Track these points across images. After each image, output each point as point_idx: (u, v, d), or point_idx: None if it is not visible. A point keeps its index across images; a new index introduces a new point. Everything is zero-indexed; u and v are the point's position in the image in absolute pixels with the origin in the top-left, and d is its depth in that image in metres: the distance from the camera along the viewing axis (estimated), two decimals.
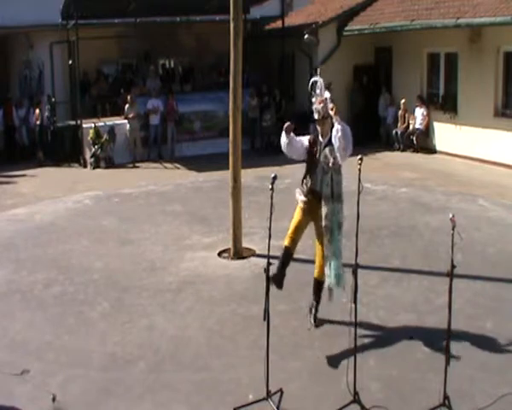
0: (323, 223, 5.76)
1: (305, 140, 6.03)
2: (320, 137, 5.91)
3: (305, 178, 6.00)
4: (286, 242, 6.00)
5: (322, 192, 5.78)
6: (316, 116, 5.83)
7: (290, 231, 6.01)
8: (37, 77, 19.86)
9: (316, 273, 6.03)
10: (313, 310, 6.12)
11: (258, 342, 5.46)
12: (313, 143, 5.95)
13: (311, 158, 5.91)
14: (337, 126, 5.61)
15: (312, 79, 5.92)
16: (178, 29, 18.92)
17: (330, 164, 5.72)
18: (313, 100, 5.84)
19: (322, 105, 5.76)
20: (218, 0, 15.67)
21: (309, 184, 5.93)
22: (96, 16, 16.99)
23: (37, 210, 11.36)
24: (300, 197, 5.96)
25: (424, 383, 5.00)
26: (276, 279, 5.83)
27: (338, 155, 5.69)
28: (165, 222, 10.18)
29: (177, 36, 18.84)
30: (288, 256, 6.00)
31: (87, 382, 5.30)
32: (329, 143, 5.77)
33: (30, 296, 7.29)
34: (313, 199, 5.88)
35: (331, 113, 5.70)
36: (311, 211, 5.91)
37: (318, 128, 5.91)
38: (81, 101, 16.60)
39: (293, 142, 5.97)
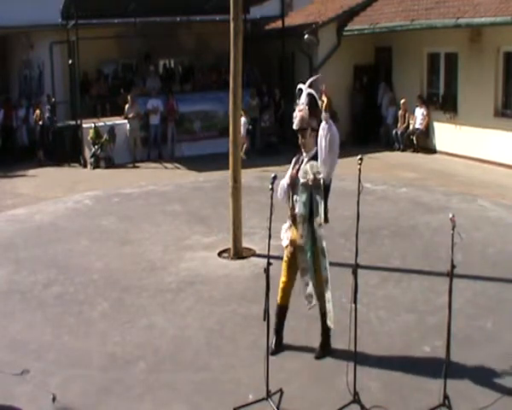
0: (297, 242, 5.30)
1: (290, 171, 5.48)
2: (303, 153, 5.38)
3: (289, 204, 5.44)
4: (279, 299, 5.53)
5: (299, 212, 5.25)
6: (294, 126, 5.32)
7: (282, 285, 5.52)
8: (37, 77, 19.87)
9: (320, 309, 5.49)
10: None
11: (258, 342, 5.46)
12: (296, 163, 5.43)
13: (293, 179, 5.35)
14: (323, 125, 5.08)
15: (299, 86, 5.44)
16: (178, 29, 18.92)
17: (310, 181, 5.17)
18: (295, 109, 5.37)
19: (300, 114, 5.27)
20: (218, 0, 15.68)
21: (290, 211, 5.37)
22: (95, 16, 17.01)
23: (37, 210, 11.36)
24: (284, 241, 5.41)
25: (424, 383, 5.00)
26: (277, 348, 5.57)
27: (321, 161, 5.13)
28: (165, 222, 10.19)
29: (177, 36, 18.84)
30: (284, 314, 5.64)
31: (87, 382, 5.30)
32: (313, 158, 5.25)
33: (30, 296, 7.29)
34: (297, 230, 5.35)
35: (322, 108, 5.20)
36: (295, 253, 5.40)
37: (300, 141, 5.36)
38: (81, 101, 16.61)
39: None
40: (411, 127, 15.64)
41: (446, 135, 14.87)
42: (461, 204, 10.41)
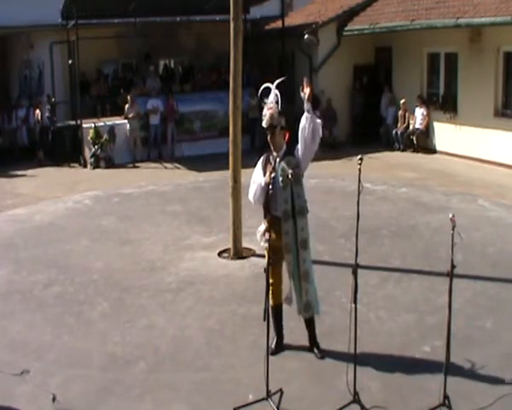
0: (283, 241, 5.29)
1: (260, 170, 5.46)
2: (273, 152, 5.39)
3: (265, 208, 5.43)
4: (271, 300, 5.42)
5: (282, 210, 5.25)
6: (263, 124, 5.33)
7: (272, 288, 5.40)
8: (37, 77, 19.87)
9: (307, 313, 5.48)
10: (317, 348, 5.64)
11: (258, 342, 5.46)
12: (266, 162, 5.41)
13: (268, 181, 5.31)
14: (306, 115, 5.13)
15: (264, 85, 5.52)
16: (178, 29, 18.93)
17: (290, 176, 5.12)
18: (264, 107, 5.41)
19: (270, 112, 5.30)
20: (218, 0, 15.68)
21: (270, 213, 5.35)
22: (95, 16, 17.01)
23: (37, 210, 11.36)
24: (262, 243, 5.30)
25: (424, 383, 5.00)
26: (278, 348, 5.60)
27: (301, 151, 5.22)
28: (165, 222, 10.19)
29: (177, 36, 18.85)
30: (280, 314, 5.64)
31: (87, 382, 5.30)
32: (285, 155, 5.31)
33: (30, 296, 7.30)
34: (277, 232, 5.31)
35: (304, 97, 5.15)
36: (278, 249, 5.32)
37: (269, 140, 5.38)
38: (81, 101, 16.61)
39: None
40: (411, 127, 15.64)
41: (446, 135, 14.87)
42: (461, 204, 10.41)
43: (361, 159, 4.78)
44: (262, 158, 5.53)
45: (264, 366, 4.77)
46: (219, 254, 8.51)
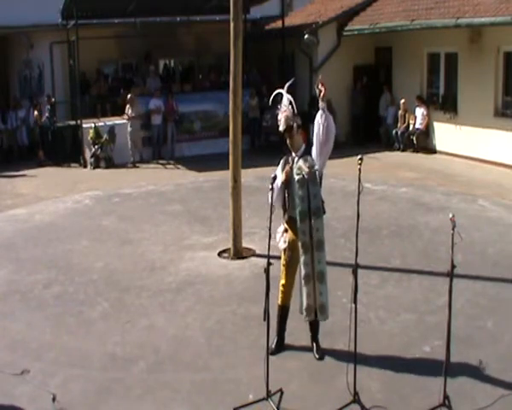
0: (300, 241, 5.25)
1: (279, 172, 5.47)
2: (292, 153, 5.41)
3: (284, 209, 5.45)
4: (280, 300, 5.57)
5: (299, 209, 5.22)
6: (280, 128, 5.35)
7: (282, 288, 5.53)
8: (37, 77, 19.87)
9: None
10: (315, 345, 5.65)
11: (258, 342, 5.47)
12: (285, 163, 5.44)
13: (288, 177, 5.32)
14: (320, 112, 5.19)
15: (277, 91, 5.57)
16: (178, 29, 18.94)
17: (306, 175, 5.16)
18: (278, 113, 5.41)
19: (284, 114, 5.32)
20: (218, 0, 15.69)
21: (287, 214, 5.41)
22: (96, 16, 17.03)
23: (37, 210, 11.37)
24: (281, 245, 5.41)
25: (424, 383, 5.00)
26: (278, 348, 5.62)
27: (316, 151, 5.25)
28: (165, 222, 10.19)
29: (177, 36, 18.86)
30: (286, 315, 5.66)
31: (87, 382, 5.30)
32: (303, 154, 5.31)
33: (30, 296, 7.30)
34: (294, 232, 5.35)
35: (319, 98, 5.23)
36: (295, 250, 5.36)
37: (288, 143, 5.40)
38: (81, 101, 16.60)
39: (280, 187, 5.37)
40: (411, 127, 15.64)
41: (446, 135, 14.87)
42: (461, 204, 10.41)
43: (361, 159, 4.79)
44: (281, 161, 5.52)
45: (264, 366, 4.77)
46: (219, 254, 8.51)
